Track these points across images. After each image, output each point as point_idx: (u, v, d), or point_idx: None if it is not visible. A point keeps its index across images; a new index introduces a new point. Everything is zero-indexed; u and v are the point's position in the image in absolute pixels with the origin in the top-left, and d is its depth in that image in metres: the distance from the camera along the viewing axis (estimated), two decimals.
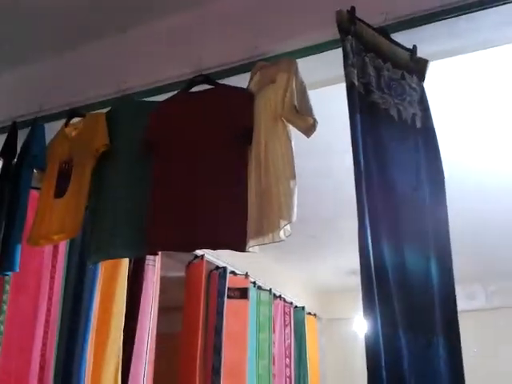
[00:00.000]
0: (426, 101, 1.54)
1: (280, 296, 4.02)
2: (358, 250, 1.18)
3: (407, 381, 1.10)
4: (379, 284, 1.16)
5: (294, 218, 1.40)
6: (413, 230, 1.34)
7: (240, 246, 1.43)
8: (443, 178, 1.42)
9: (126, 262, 2.24)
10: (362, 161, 1.30)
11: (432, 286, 1.28)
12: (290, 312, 4.10)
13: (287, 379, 3.81)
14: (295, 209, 1.41)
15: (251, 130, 1.56)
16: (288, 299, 4.15)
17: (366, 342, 1.08)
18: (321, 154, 2.73)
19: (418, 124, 1.49)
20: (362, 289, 1.14)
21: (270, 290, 3.83)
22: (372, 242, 1.21)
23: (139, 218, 1.56)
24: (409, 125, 1.47)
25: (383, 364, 1.06)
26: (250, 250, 1.45)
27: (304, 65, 1.61)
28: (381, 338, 1.10)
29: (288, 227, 1.42)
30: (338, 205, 3.17)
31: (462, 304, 4.41)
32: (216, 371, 2.92)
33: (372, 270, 1.16)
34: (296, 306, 4.25)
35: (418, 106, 1.51)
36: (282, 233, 1.42)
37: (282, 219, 1.40)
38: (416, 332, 1.20)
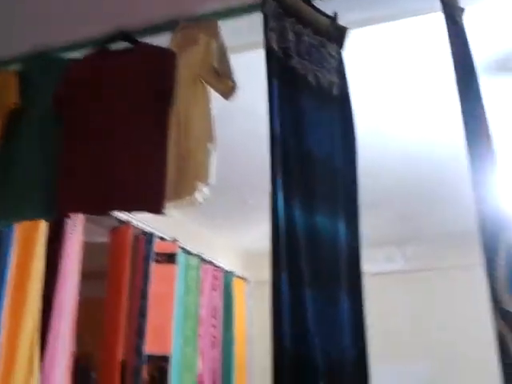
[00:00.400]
0: (344, 69, 1.57)
1: (210, 261, 4.05)
2: (270, 213, 1.21)
3: (311, 336, 1.16)
4: (288, 246, 1.20)
5: (212, 180, 1.41)
6: (325, 195, 1.38)
7: (157, 208, 1.42)
8: (356, 145, 1.47)
9: (44, 225, 2.18)
10: (277, 124, 1.32)
11: (340, 248, 1.34)
12: (218, 276, 4.15)
13: (213, 339, 3.89)
14: (213, 171, 1.41)
15: (172, 92, 1.54)
16: (217, 264, 4.19)
17: (271, 301, 1.12)
18: (250, 118, 2.74)
19: (335, 91, 1.52)
20: (271, 250, 1.17)
21: (199, 254, 3.85)
22: (284, 205, 1.24)
23: (52, 179, 1.51)
24: (326, 92, 1.50)
25: (287, 320, 1.11)
26: (167, 212, 1.45)
27: (227, 28, 1.60)
28: (286, 296, 1.14)
29: (206, 190, 1.43)
30: (267, 169, 3.20)
31: (381, 266, 4.66)
32: (140, 333, 2.93)
33: (282, 232, 1.20)
34: (225, 271, 4.31)
35: (336, 73, 1.55)
36: (199, 195, 1.43)
37: (199, 181, 1.41)
38: (322, 290, 1.26)
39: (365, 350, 1.27)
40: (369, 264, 4.73)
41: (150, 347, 2.99)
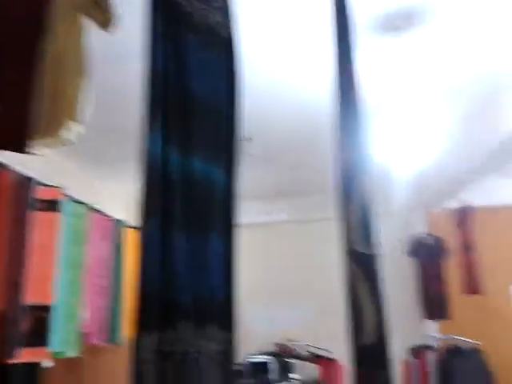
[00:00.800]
0: (232, 10, 1.52)
1: (99, 210, 3.91)
2: (143, 155, 1.16)
3: (180, 277, 1.16)
4: (161, 189, 1.17)
5: (85, 118, 1.31)
6: (205, 139, 1.35)
7: (20, 146, 1.30)
8: (240, 89, 1.44)
9: None
10: (159, 63, 1.25)
11: (216, 193, 1.34)
12: (108, 225, 4.03)
13: (102, 289, 3.82)
14: (86, 110, 1.32)
15: (45, 20, 1.39)
16: (107, 212, 4.06)
17: (139, 244, 1.10)
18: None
19: (223, 33, 1.47)
20: (141, 194, 1.13)
21: (87, 203, 3.69)
22: (160, 147, 1.20)
23: None
24: (213, 32, 1.44)
25: (156, 263, 1.10)
26: (36, 152, 1.34)
27: None
28: (156, 239, 1.12)
29: (79, 128, 1.34)
30: None
31: (267, 217, 4.82)
32: (19, 283, 2.79)
33: (154, 175, 1.16)
34: (116, 220, 4.19)
35: (224, 14, 1.49)
36: (71, 134, 1.33)
37: (70, 119, 1.31)
38: (195, 234, 1.26)
39: (233, 290, 1.30)
40: (256, 215, 4.89)
41: (30, 297, 2.86)
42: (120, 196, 4.81)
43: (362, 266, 1.19)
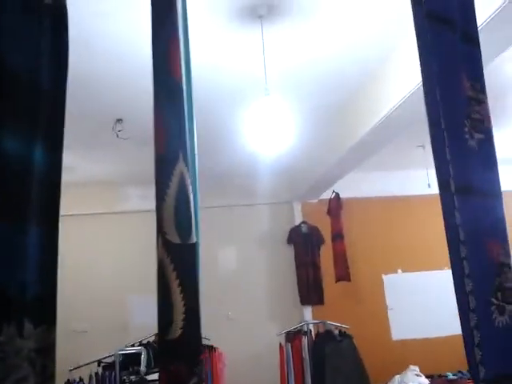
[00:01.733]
0: None
1: None
2: None
3: None
4: None
5: None
6: (21, 117, 1.21)
7: None
8: (67, 64, 1.31)
9: None
10: None
11: (34, 174, 1.20)
12: None
13: None
14: None
15: None
16: None
17: None
18: None
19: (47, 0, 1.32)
20: None
21: None
22: None
23: None
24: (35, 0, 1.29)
25: None
26: None
27: None
28: None
29: None
30: None
31: (136, 204, 4.66)
32: None
33: None
34: None
35: None
36: None
37: None
38: (5, 219, 1.12)
39: (52, 286, 1.20)
40: (133, 201, 4.70)
41: None
42: None
43: (172, 256, 1.14)
